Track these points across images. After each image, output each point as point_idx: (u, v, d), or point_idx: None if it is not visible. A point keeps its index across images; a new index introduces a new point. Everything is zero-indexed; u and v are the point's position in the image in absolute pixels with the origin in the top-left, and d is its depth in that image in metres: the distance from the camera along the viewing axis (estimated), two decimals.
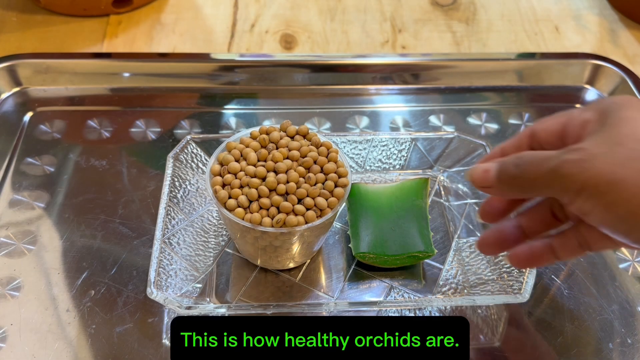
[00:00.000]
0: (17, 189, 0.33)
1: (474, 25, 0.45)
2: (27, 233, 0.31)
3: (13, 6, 0.44)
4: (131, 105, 0.38)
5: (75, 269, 0.30)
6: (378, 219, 0.30)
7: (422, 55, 0.41)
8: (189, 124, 0.37)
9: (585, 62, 0.41)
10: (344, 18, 0.45)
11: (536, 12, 0.47)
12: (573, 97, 0.41)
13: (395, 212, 0.30)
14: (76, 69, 0.39)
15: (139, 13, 0.44)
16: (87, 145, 0.36)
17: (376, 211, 0.30)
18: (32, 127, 0.37)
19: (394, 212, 0.30)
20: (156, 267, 0.26)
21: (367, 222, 0.30)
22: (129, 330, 0.27)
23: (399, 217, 0.30)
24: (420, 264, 0.30)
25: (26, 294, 0.29)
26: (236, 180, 0.26)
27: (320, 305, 0.27)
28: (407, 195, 0.31)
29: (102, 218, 0.32)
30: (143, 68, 0.39)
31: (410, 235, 0.29)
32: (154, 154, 0.35)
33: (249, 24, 0.44)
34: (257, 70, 0.40)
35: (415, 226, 0.30)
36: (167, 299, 0.25)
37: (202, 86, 0.40)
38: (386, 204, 0.31)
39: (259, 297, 0.29)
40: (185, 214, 0.30)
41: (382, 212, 0.30)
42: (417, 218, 0.30)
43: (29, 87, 0.39)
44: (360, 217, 0.30)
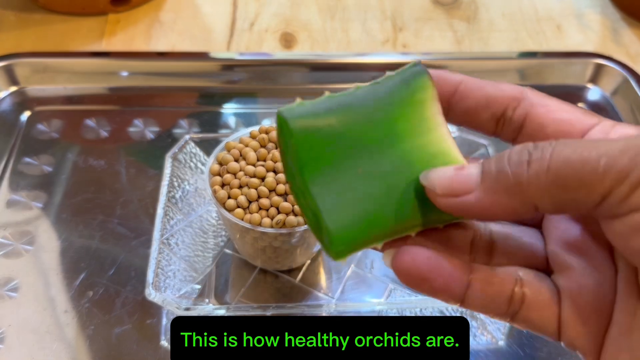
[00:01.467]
0: (15, 189, 0.33)
1: (475, 24, 0.45)
2: (25, 233, 0.31)
3: (11, 5, 0.44)
4: (129, 104, 0.38)
5: (73, 269, 0.30)
6: (345, 165, 0.14)
7: (423, 54, 0.41)
8: (188, 123, 0.37)
9: (588, 61, 0.40)
10: (344, 16, 0.45)
11: (538, 11, 0.46)
12: (575, 96, 0.40)
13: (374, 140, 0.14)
14: (74, 68, 0.39)
15: (138, 12, 0.44)
16: (85, 144, 0.36)
17: (340, 149, 0.14)
18: (29, 126, 0.37)
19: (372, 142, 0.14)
20: (155, 268, 0.26)
21: (328, 176, 0.14)
22: (127, 331, 0.27)
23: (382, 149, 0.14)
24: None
25: (24, 295, 0.29)
26: (235, 180, 0.26)
27: (320, 306, 0.27)
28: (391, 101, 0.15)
29: (100, 218, 0.32)
30: (141, 67, 0.39)
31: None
32: (153, 153, 0.35)
33: (248, 23, 0.44)
34: (256, 69, 0.40)
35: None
36: (166, 300, 0.25)
37: (201, 85, 0.40)
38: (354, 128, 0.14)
39: (258, 298, 0.28)
40: (184, 214, 0.30)
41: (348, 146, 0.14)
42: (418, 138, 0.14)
43: (27, 87, 0.39)
44: (311, 172, 0.14)
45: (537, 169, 0.11)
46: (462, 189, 0.12)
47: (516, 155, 0.11)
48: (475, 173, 0.12)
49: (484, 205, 0.11)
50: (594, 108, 0.40)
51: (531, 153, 0.11)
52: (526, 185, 0.11)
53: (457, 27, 0.44)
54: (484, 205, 0.11)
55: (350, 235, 0.13)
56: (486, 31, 0.44)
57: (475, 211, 0.12)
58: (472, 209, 0.12)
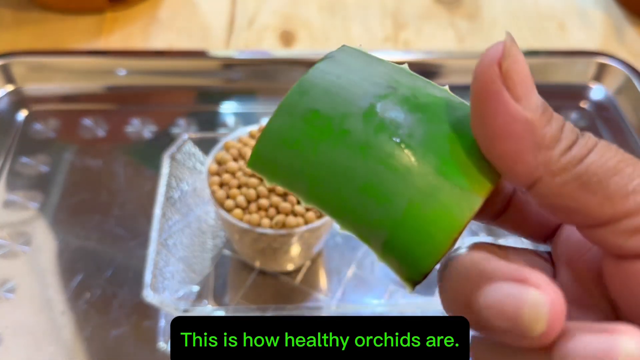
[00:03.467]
0: (12, 189, 0.33)
1: (477, 22, 0.44)
2: (22, 234, 0.31)
3: (7, 3, 0.43)
4: (127, 103, 0.38)
5: (70, 270, 0.29)
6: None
7: (425, 52, 0.41)
8: (186, 122, 0.37)
9: (591, 59, 0.40)
10: (345, 14, 0.45)
11: (541, 9, 0.46)
12: (578, 94, 0.40)
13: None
14: (71, 67, 0.39)
15: (135, 10, 0.44)
16: (82, 144, 0.35)
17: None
18: (26, 126, 0.36)
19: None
20: (152, 269, 0.26)
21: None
22: (124, 333, 0.27)
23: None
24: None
25: (21, 296, 0.28)
26: (234, 180, 0.25)
27: (321, 308, 0.27)
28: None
29: (98, 219, 0.31)
30: (139, 65, 0.39)
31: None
32: (150, 153, 0.35)
33: (247, 20, 0.44)
34: (255, 68, 0.39)
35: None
36: (164, 301, 0.25)
37: (199, 84, 0.39)
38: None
39: (257, 299, 0.28)
40: (182, 214, 0.30)
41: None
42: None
43: (24, 86, 0.38)
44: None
45: (575, 153, 0.10)
46: (518, 91, 0.10)
47: (568, 131, 0.10)
48: (537, 101, 0.10)
49: (512, 127, 0.10)
50: (597, 107, 0.39)
51: (577, 138, 0.10)
52: (555, 160, 0.10)
53: (458, 25, 0.44)
54: (513, 127, 0.10)
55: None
56: (488, 29, 0.44)
57: (497, 116, 0.10)
58: (499, 111, 0.10)
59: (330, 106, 0.11)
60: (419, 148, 0.11)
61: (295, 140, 0.11)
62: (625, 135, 0.37)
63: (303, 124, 0.12)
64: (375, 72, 0.12)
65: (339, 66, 0.13)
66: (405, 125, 0.11)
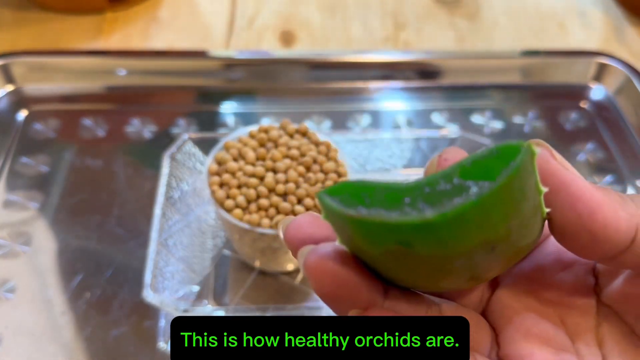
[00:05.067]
0: (12, 189, 0.33)
1: (477, 22, 0.44)
2: (22, 234, 0.31)
3: (7, 3, 0.43)
4: (127, 103, 0.38)
5: (70, 270, 0.29)
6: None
7: (425, 52, 0.41)
8: (186, 122, 0.37)
9: (591, 59, 0.40)
10: (345, 14, 0.45)
11: (541, 9, 0.46)
12: (578, 94, 0.40)
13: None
14: (71, 67, 0.39)
15: (136, 10, 0.44)
16: (82, 144, 0.35)
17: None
18: (26, 126, 0.36)
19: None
20: (152, 269, 0.26)
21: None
22: (124, 333, 0.27)
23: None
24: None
25: (20, 296, 0.28)
26: (234, 180, 0.25)
27: (321, 308, 0.27)
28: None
29: (98, 219, 0.31)
30: (139, 65, 0.39)
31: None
32: (150, 153, 0.35)
33: (247, 20, 0.44)
34: (255, 68, 0.39)
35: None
36: (164, 301, 0.25)
37: (199, 84, 0.39)
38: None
39: (257, 299, 0.28)
40: (182, 214, 0.30)
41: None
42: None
43: (24, 86, 0.38)
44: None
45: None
46: (576, 174, 0.11)
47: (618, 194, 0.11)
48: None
49: (596, 199, 0.11)
50: (597, 107, 0.39)
51: (629, 198, 0.11)
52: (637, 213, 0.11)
53: (459, 25, 0.44)
54: (597, 198, 0.11)
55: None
56: (488, 29, 0.44)
57: (583, 196, 0.11)
58: (581, 191, 0.11)
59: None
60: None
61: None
62: (625, 135, 0.37)
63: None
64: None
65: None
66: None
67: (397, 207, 0.10)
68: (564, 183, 0.10)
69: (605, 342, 0.12)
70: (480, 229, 0.10)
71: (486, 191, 0.09)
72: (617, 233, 0.11)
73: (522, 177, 0.10)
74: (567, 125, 0.38)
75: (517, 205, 0.10)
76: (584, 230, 0.11)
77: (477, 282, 0.12)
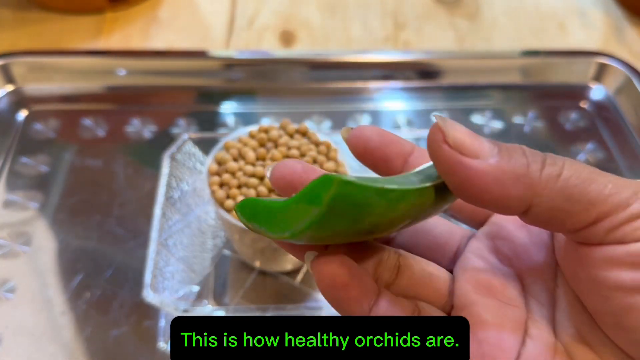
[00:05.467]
0: (12, 189, 0.33)
1: (477, 22, 0.44)
2: (22, 234, 0.31)
3: (7, 3, 0.43)
4: (127, 103, 0.38)
5: (70, 270, 0.29)
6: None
7: (425, 52, 0.41)
8: (186, 122, 0.37)
9: (591, 59, 0.40)
10: (345, 14, 0.45)
11: (541, 9, 0.46)
12: (578, 94, 0.40)
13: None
14: (71, 67, 0.39)
15: (136, 10, 0.44)
16: (82, 144, 0.35)
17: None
18: (26, 126, 0.36)
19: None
20: (152, 269, 0.26)
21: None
22: (124, 333, 0.27)
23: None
24: None
25: (21, 296, 0.28)
26: (234, 180, 0.25)
27: (321, 308, 0.27)
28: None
29: (98, 219, 0.31)
30: (139, 65, 0.39)
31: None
32: (150, 153, 0.35)
33: (247, 20, 0.44)
34: (255, 68, 0.39)
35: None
36: (164, 301, 0.25)
37: (199, 84, 0.39)
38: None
39: (257, 299, 0.28)
40: (182, 214, 0.30)
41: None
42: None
43: (24, 86, 0.38)
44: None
45: (550, 172, 0.11)
46: (473, 150, 0.11)
47: (531, 154, 0.11)
48: (490, 146, 0.11)
49: (486, 179, 0.11)
50: (597, 107, 0.39)
51: (545, 158, 0.11)
52: (536, 181, 0.11)
53: (458, 26, 0.44)
54: (486, 179, 0.11)
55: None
56: (488, 29, 0.44)
57: (471, 179, 0.11)
58: (470, 174, 0.11)
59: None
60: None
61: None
62: (625, 135, 0.37)
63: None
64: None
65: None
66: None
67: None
68: (455, 166, 0.11)
69: (558, 304, 0.13)
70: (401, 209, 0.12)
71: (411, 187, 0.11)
72: (509, 209, 0.11)
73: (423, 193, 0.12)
74: (567, 125, 0.38)
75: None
76: (479, 205, 0.12)
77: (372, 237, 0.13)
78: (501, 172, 0.11)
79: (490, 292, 0.13)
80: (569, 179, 0.11)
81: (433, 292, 0.14)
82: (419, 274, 0.14)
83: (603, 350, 0.12)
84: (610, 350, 0.12)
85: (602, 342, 0.12)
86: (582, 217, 0.11)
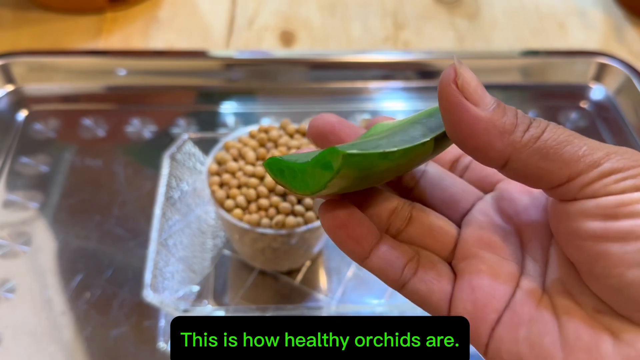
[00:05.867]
0: (12, 189, 0.33)
1: (477, 22, 0.44)
2: (22, 234, 0.31)
3: (7, 2, 0.43)
4: (127, 103, 0.38)
5: (70, 270, 0.29)
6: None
7: (425, 52, 0.41)
8: (186, 122, 0.37)
9: (591, 59, 0.40)
10: (345, 14, 0.45)
11: (540, 9, 0.46)
12: (578, 94, 0.40)
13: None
14: (71, 67, 0.39)
15: (135, 10, 0.44)
16: (82, 144, 0.35)
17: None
18: (26, 126, 0.36)
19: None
20: (152, 269, 0.26)
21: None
22: (124, 333, 0.27)
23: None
24: None
25: (21, 296, 0.28)
26: (234, 180, 0.25)
27: (321, 308, 0.27)
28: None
29: (98, 219, 0.31)
30: (139, 65, 0.39)
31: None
32: (150, 153, 0.35)
33: (247, 20, 0.44)
34: (255, 68, 0.39)
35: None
36: (164, 301, 0.25)
37: (199, 84, 0.39)
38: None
39: (257, 299, 0.28)
40: (182, 214, 0.30)
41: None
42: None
43: (24, 86, 0.38)
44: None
45: (532, 133, 0.12)
46: (475, 97, 0.12)
47: (522, 117, 0.13)
48: (491, 100, 0.13)
49: (477, 126, 0.12)
50: (597, 107, 0.39)
51: (532, 122, 0.13)
52: (517, 140, 0.12)
53: (458, 25, 0.44)
54: (477, 126, 0.12)
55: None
56: (488, 29, 0.44)
57: (464, 121, 0.12)
58: (465, 117, 0.12)
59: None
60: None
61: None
62: (625, 135, 0.37)
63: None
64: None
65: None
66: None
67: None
68: (454, 106, 0.12)
69: (550, 261, 0.14)
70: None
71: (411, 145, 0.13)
72: (489, 160, 0.13)
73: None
74: (567, 125, 0.38)
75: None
76: (464, 149, 0.13)
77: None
78: (491, 125, 0.12)
79: (490, 246, 0.14)
80: (547, 140, 0.12)
81: (439, 243, 0.15)
82: (428, 225, 0.15)
83: (582, 299, 0.13)
84: (589, 299, 0.13)
85: (582, 292, 0.13)
86: (556, 175, 0.12)
